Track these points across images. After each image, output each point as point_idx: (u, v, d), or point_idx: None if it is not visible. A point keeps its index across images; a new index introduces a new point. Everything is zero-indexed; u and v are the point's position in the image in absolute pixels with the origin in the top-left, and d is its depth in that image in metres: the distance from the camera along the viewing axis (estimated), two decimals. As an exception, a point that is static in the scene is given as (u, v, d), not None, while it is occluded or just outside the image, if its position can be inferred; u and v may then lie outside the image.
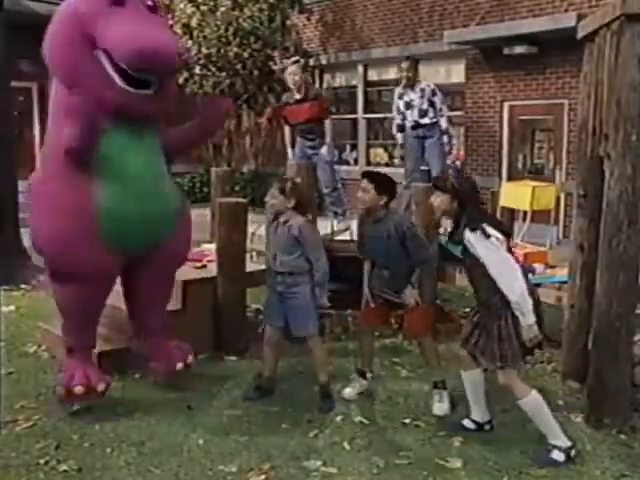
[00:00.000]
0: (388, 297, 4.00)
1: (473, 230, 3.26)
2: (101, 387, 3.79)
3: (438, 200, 3.41)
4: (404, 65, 7.05)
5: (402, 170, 7.67)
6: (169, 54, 3.41)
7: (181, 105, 4.43)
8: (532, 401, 3.36)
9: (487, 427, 3.68)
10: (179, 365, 4.11)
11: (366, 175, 3.92)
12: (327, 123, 6.30)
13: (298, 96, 6.21)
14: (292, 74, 6.26)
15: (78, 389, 3.71)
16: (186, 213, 4.11)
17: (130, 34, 3.33)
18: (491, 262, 3.25)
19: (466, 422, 3.70)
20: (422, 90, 6.93)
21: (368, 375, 4.18)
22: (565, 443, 3.34)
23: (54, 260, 3.72)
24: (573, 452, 3.34)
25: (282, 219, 3.92)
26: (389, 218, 3.90)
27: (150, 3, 3.62)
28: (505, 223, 4.70)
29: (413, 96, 6.93)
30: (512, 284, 3.21)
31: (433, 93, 6.93)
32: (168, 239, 3.87)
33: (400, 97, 7.07)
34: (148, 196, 3.70)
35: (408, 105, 6.99)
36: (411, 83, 6.98)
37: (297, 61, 6.40)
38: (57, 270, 3.74)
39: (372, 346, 4.27)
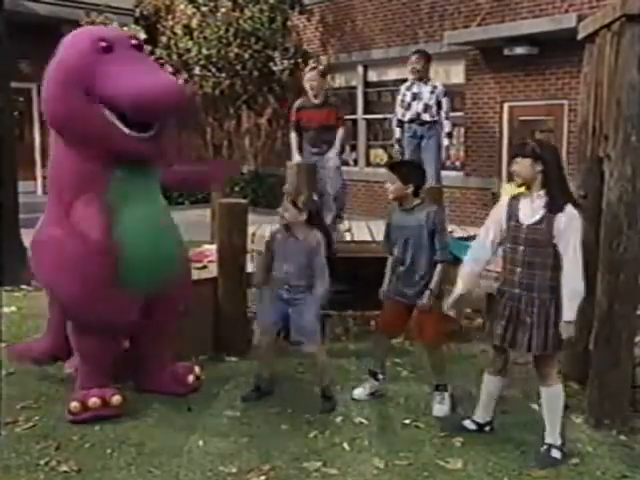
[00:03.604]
0: (404, 301, 3.95)
1: (576, 206, 3.23)
2: (115, 401, 3.76)
3: (517, 166, 3.32)
4: (414, 58, 7.00)
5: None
6: (170, 96, 3.44)
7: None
8: (558, 391, 3.36)
9: (487, 428, 3.67)
10: (181, 390, 4.10)
11: (390, 167, 3.95)
12: (340, 131, 6.27)
13: (316, 101, 6.18)
14: (310, 80, 6.22)
15: (93, 402, 3.70)
16: (185, 252, 4.13)
17: (130, 83, 3.35)
18: (575, 245, 3.20)
19: (467, 423, 3.70)
20: (434, 87, 6.88)
21: (379, 376, 4.16)
22: (559, 440, 3.37)
23: (80, 312, 3.63)
24: (565, 448, 3.38)
25: (299, 236, 3.92)
26: (422, 207, 3.88)
27: (135, 42, 3.62)
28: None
29: (423, 89, 6.88)
30: (580, 274, 3.19)
31: (444, 94, 6.89)
32: (174, 279, 3.85)
33: (408, 89, 6.95)
34: (157, 239, 3.71)
35: (415, 96, 6.90)
36: (421, 77, 6.94)
37: (315, 67, 6.33)
38: (83, 323, 3.68)
39: (387, 349, 4.24)
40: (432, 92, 6.81)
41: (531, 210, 3.30)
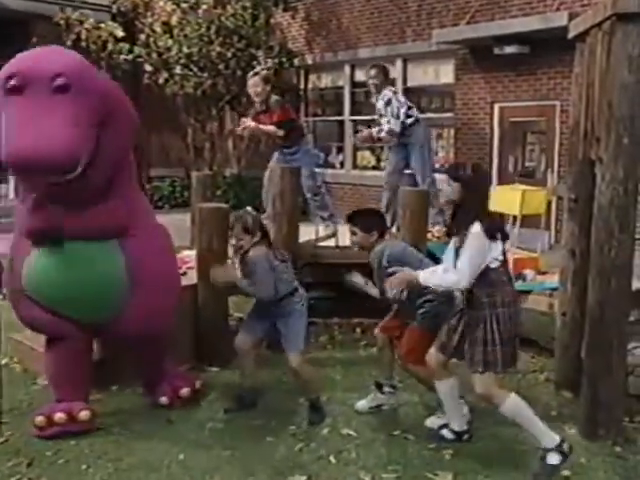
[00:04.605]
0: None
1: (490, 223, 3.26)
2: (83, 415, 3.62)
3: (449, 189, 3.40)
4: (373, 72, 6.87)
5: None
6: (46, 155, 3.06)
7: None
8: (512, 405, 3.26)
9: (465, 437, 3.60)
10: (184, 391, 4.01)
11: (349, 219, 3.87)
12: (300, 128, 6.27)
13: (264, 107, 6.23)
14: (253, 86, 6.22)
15: (59, 417, 3.57)
16: (144, 289, 3.66)
17: (6, 137, 3.10)
18: (465, 254, 3.21)
19: (445, 432, 3.61)
20: (384, 97, 6.72)
21: (385, 389, 4.01)
22: (555, 440, 3.22)
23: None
24: (565, 446, 3.21)
25: (245, 258, 3.85)
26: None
27: (61, 82, 3.13)
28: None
29: (379, 104, 6.80)
30: (454, 276, 3.24)
31: (388, 102, 6.63)
32: (116, 315, 3.65)
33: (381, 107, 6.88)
34: (69, 275, 3.56)
35: (380, 115, 6.84)
36: (379, 90, 6.78)
37: (257, 73, 6.34)
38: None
39: (392, 358, 4.06)
40: (387, 104, 6.70)
41: None
